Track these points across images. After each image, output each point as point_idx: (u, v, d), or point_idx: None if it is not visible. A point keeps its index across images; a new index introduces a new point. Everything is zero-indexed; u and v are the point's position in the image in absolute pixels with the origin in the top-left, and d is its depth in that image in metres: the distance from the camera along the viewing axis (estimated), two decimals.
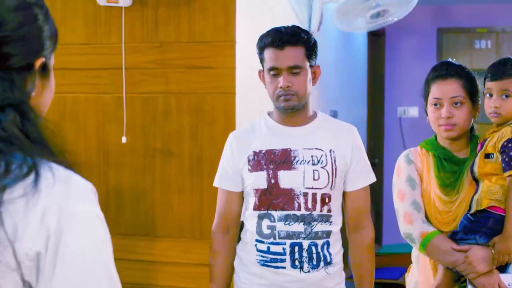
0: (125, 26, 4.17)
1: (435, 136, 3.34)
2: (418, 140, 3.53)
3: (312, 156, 3.16)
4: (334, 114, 6.57)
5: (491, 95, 3.14)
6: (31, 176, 1.36)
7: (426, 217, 3.23)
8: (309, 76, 3.17)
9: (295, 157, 3.16)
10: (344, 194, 3.28)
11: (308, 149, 3.18)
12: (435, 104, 3.21)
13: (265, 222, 3.18)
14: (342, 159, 3.20)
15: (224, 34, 4.05)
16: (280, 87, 3.11)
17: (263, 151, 3.20)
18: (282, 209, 3.14)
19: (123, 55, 4.17)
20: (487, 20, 8.84)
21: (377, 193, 8.36)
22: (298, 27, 3.22)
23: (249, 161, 3.21)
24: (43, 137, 1.45)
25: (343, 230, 3.29)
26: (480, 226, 3.05)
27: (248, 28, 4.17)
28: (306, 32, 3.21)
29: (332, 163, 3.17)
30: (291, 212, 3.14)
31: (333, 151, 3.19)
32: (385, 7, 4.96)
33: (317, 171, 3.15)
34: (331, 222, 3.18)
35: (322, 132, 3.24)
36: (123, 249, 4.14)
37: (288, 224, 3.14)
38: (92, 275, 1.39)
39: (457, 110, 3.18)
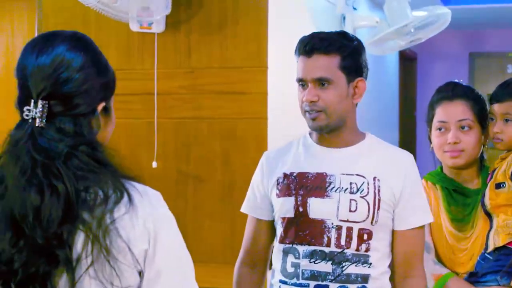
0: (157, 52, 4.20)
1: (441, 167, 3.07)
2: None
3: (351, 183, 2.63)
4: None
5: (493, 119, 2.88)
6: (125, 196, 1.80)
7: (438, 257, 2.93)
8: (344, 90, 2.63)
9: (330, 183, 2.64)
10: (393, 233, 2.69)
11: (347, 174, 2.64)
12: (440, 129, 2.94)
13: (290, 259, 2.68)
14: (389, 190, 2.62)
15: (256, 60, 4.06)
16: (304, 101, 2.64)
17: (294, 174, 2.70)
18: (309, 244, 2.63)
19: (155, 80, 4.20)
20: None
21: None
22: (340, 32, 2.73)
23: (278, 184, 2.73)
24: (111, 162, 1.87)
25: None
26: (500, 265, 2.75)
27: (280, 54, 4.18)
28: (348, 38, 2.69)
29: (374, 193, 2.61)
30: (318, 248, 2.62)
31: (378, 180, 2.63)
32: (420, 35, 4.95)
33: (355, 201, 2.60)
34: (370, 264, 2.61)
35: (366, 156, 2.70)
36: None
37: (314, 262, 2.62)
38: (180, 260, 1.93)
39: (464, 135, 2.89)
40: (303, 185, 2.67)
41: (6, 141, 1.79)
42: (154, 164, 4.17)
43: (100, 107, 1.89)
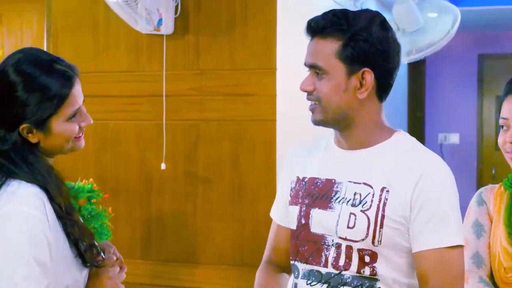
0: (166, 54, 4.20)
1: None
2: (459, 167, 2.95)
3: (355, 194, 2.21)
4: None
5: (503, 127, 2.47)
6: None
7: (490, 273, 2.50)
8: (342, 83, 2.20)
9: (336, 192, 2.24)
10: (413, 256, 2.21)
11: (354, 183, 2.23)
12: (502, 126, 2.46)
13: (292, 278, 2.37)
14: (399, 203, 2.15)
15: (265, 62, 4.06)
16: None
17: (306, 179, 2.34)
18: (306, 262, 2.28)
19: (164, 82, 4.20)
20: None
21: None
22: (345, 11, 2.26)
23: (291, 189, 2.39)
24: (20, 164, 2.14)
25: None
26: None
27: (289, 56, 4.18)
28: (357, 19, 2.22)
29: (378, 207, 2.17)
30: (315, 268, 2.26)
31: (387, 191, 2.18)
32: (425, 53, 4.90)
33: (355, 215, 2.19)
34: None
35: (381, 161, 2.24)
36: (164, 276, 4.15)
37: (310, 284, 2.26)
38: None
39: None
40: (310, 193, 2.30)
41: None
42: (163, 166, 4.17)
43: (21, 128, 2.13)
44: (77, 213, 2.22)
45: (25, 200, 2.05)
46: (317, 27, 2.24)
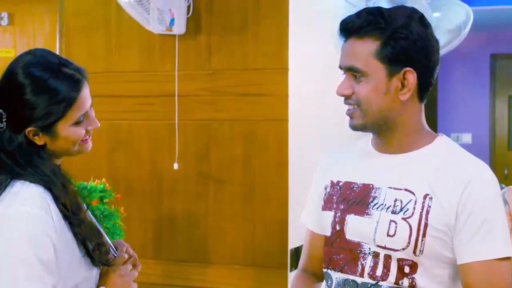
0: (178, 54, 4.21)
1: None
2: None
3: (395, 200, 2.10)
4: None
5: None
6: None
7: None
8: (383, 84, 2.09)
9: (374, 198, 2.14)
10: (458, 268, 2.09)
11: (394, 189, 2.12)
12: None
13: (324, 286, 2.27)
14: (443, 212, 2.05)
15: (277, 61, 4.06)
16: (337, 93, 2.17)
17: (341, 183, 2.24)
18: (341, 271, 2.16)
19: (176, 82, 4.20)
20: None
21: None
22: (379, 9, 2.15)
23: (324, 194, 2.28)
24: (25, 165, 2.15)
25: None
26: None
27: (301, 55, 4.18)
28: (396, 16, 2.11)
29: (421, 215, 2.05)
30: (350, 277, 2.14)
31: (430, 198, 2.06)
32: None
33: (395, 223, 2.07)
34: None
35: (423, 166, 2.13)
36: (176, 275, 4.15)
37: None
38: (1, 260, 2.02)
39: None
40: (346, 198, 2.20)
41: None
42: (176, 166, 4.18)
43: (27, 131, 2.14)
44: (84, 212, 2.22)
45: (27, 200, 2.06)
46: (353, 27, 2.12)
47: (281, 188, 3.98)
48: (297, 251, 4.01)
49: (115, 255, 2.30)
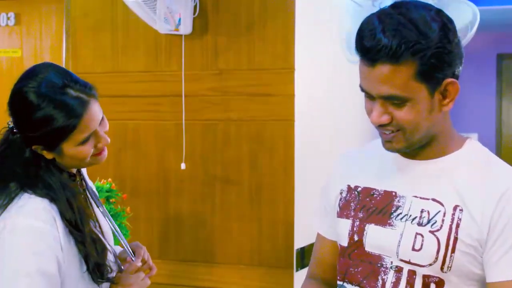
0: (185, 54, 4.21)
1: None
2: None
3: (422, 211, 1.94)
4: None
5: None
6: (8, 202, 2.18)
7: None
8: (428, 103, 1.90)
9: (398, 207, 1.98)
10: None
11: (420, 198, 1.96)
12: None
13: None
14: (474, 225, 1.88)
15: (283, 62, 4.05)
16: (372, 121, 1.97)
17: (359, 188, 2.09)
18: (359, 285, 2.01)
19: (183, 82, 4.20)
20: None
21: None
22: (414, 22, 1.85)
23: (340, 199, 2.15)
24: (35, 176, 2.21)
25: None
26: None
27: (308, 55, 4.17)
28: (429, 29, 1.86)
29: (450, 229, 1.89)
30: None
31: (461, 210, 1.90)
32: None
33: (422, 236, 1.91)
34: None
35: (452, 174, 1.96)
36: (182, 275, 4.15)
37: None
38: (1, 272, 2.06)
39: None
40: (365, 206, 2.04)
41: None
42: (183, 166, 4.18)
43: (34, 147, 2.20)
44: (90, 228, 2.22)
45: (32, 214, 2.09)
46: (385, 51, 1.83)
47: (288, 188, 3.98)
48: (303, 251, 4.01)
49: (133, 259, 2.32)
